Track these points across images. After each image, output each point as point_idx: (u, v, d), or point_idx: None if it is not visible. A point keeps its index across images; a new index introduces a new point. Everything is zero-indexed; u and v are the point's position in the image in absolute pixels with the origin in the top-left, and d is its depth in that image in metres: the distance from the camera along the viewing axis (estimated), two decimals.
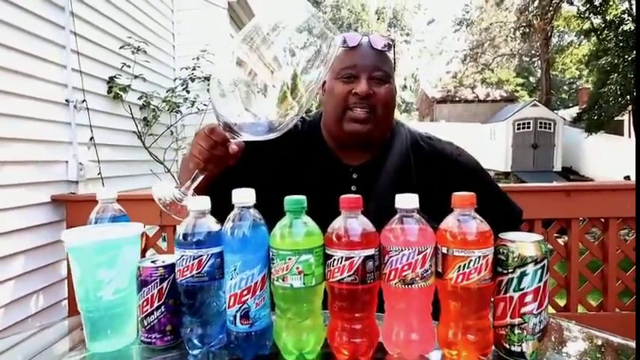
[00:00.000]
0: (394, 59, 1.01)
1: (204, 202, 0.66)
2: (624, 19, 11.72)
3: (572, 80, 25.12)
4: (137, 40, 3.22)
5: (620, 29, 11.55)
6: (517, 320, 0.60)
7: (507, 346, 0.61)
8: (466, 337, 0.60)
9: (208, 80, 3.87)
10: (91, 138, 2.75)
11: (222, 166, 0.79)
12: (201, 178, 0.78)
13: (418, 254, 0.59)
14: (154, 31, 3.71)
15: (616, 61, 11.00)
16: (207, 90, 3.86)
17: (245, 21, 4.92)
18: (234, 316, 0.63)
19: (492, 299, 0.63)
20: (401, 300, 0.61)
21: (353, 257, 0.59)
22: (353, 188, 0.99)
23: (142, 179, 3.36)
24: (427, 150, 1.04)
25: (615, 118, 12.27)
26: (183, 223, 0.66)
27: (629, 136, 13.12)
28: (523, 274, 0.59)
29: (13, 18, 2.11)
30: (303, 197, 0.63)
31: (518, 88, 23.75)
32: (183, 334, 0.67)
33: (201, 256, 0.63)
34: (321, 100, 1.05)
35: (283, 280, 0.61)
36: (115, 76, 3.02)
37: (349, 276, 0.60)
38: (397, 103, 1.07)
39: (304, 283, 0.60)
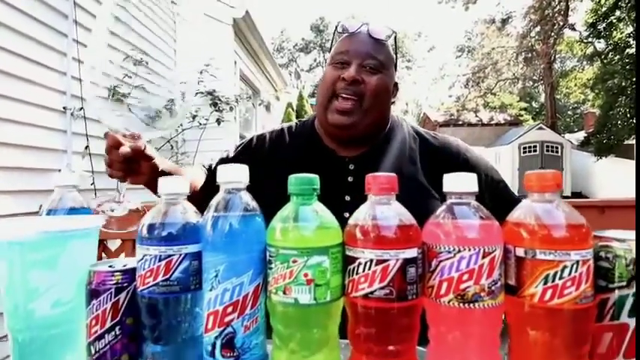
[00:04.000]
0: (395, 52, 0.96)
1: (180, 184, 0.48)
2: (629, 42, 11.81)
3: (576, 105, 25.08)
4: (137, 51, 3.13)
5: (625, 52, 11.61)
6: None
7: None
8: None
9: (210, 94, 3.80)
10: (87, 147, 2.62)
11: (136, 172, 0.77)
12: (123, 185, 0.76)
13: (483, 257, 0.40)
14: (155, 45, 3.65)
15: (624, 83, 10.99)
16: (209, 104, 3.86)
17: (249, 37, 4.90)
18: (214, 344, 0.44)
19: None
20: (456, 326, 0.42)
21: (387, 261, 0.41)
22: (350, 179, 0.91)
23: (137, 192, 3.21)
24: (432, 143, 0.97)
25: (625, 142, 12.13)
26: (150, 211, 0.48)
27: None
28: None
29: (15, 22, 2.09)
30: (314, 176, 0.45)
31: (522, 112, 23.73)
32: None
33: (172, 256, 0.45)
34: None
35: (285, 293, 0.42)
36: (116, 87, 2.92)
37: (382, 288, 0.41)
38: None
39: (315, 298, 0.42)
